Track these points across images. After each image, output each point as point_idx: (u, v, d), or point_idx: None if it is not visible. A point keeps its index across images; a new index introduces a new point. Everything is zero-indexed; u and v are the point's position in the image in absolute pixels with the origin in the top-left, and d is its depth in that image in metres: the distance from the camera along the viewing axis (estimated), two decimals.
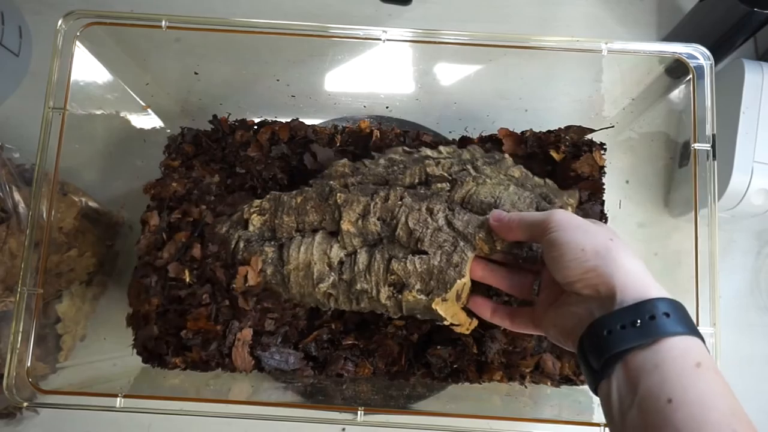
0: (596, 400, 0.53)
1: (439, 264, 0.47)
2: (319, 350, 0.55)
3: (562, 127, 0.60)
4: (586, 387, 0.55)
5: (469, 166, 0.52)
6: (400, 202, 0.49)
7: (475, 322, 0.50)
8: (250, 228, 0.53)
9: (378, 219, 0.50)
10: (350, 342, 0.55)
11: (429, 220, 0.48)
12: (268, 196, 0.54)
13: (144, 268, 0.54)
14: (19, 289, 0.46)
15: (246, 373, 0.54)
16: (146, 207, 0.58)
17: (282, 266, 0.51)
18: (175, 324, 0.53)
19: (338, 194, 0.51)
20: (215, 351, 0.53)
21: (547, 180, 0.53)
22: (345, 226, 0.50)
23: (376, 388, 0.55)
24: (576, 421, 0.46)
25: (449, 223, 0.48)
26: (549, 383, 0.55)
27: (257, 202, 0.54)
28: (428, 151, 0.55)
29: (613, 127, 0.60)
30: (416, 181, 0.52)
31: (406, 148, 0.56)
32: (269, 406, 0.47)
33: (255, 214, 0.53)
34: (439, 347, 0.54)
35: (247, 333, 0.54)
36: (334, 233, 0.51)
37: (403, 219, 0.48)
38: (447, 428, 0.46)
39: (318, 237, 0.51)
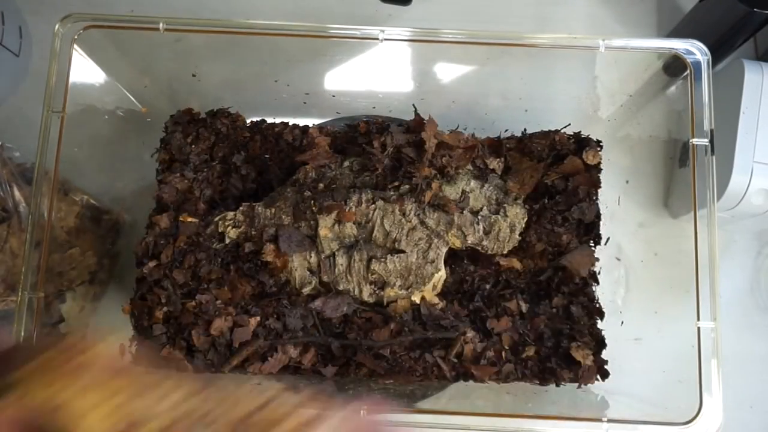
0: (597, 396, 0.54)
1: (417, 261, 0.51)
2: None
3: (537, 133, 0.61)
4: (587, 385, 0.55)
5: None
6: (373, 206, 0.53)
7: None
8: (227, 240, 0.55)
9: (354, 223, 0.53)
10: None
11: (403, 220, 0.52)
12: (241, 208, 0.56)
13: (144, 283, 0.55)
14: (20, 293, 0.46)
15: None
16: (153, 208, 0.59)
17: None
18: (185, 330, 0.54)
19: (312, 202, 0.54)
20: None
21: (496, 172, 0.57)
22: (323, 232, 0.53)
23: (377, 387, 0.55)
24: (578, 417, 0.46)
25: (422, 222, 0.52)
26: (551, 381, 0.55)
27: (231, 214, 0.56)
28: None
29: (566, 127, 0.60)
30: (382, 180, 0.55)
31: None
32: None
33: (230, 227, 0.55)
34: (440, 347, 0.54)
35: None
36: (310, 236, 0.54)
37: (378, 221, 0.52)
38: (449, 426, 0.46)
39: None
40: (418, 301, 0.52)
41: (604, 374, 0.55)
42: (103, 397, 0.23)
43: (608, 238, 0.59)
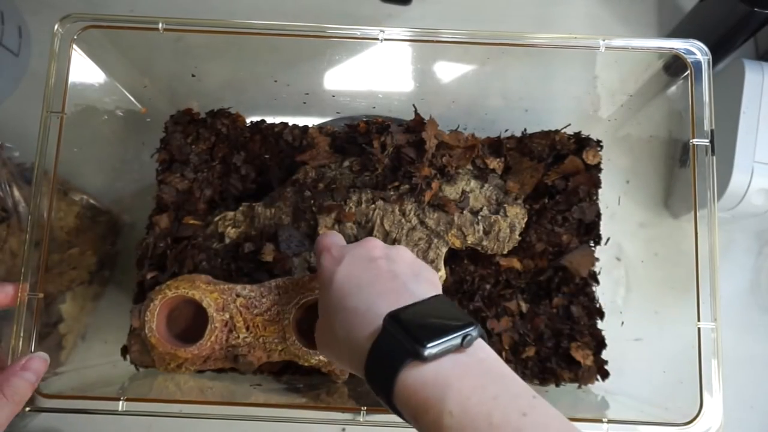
0: (597, 397, 0.53)
1: None
2: None
3: (537, 133, 0.61)
4: (587, 385, 0.55)
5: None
6: (373, 206, 0.53)
7: None
8: (227, 240, 0.55)
9: (354, 223, 0.53)
10: None
11: (403, 220, 0.52)
12: (241, 208, 0.56)
13: (144, 283, 0.54)
14: (20, 294, 0.46)
15: None
16: (153, 209, 0.58)
17: None
18: None
19: (312, 202, 0.54)
20: None
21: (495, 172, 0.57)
22: (322, 231, 0.52)
23: None
24: (578, 417, 0.46)
25: (422, 222, 0.52)
26: (551, 382, 0.55)
27: (230, 214, 0.56)
28: None
29: (566, 127, 0.60)
30: (382, 180, 0.55)
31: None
32: (269, 407, 0.47)
33: (230, 227, 0.55)
34: None
35: None
36: (310, 236, 0.54)
37: (378, 221, 0.52)
38: None
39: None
40: None
41: (605, 374, 0.55)
42: (211, 290, 0.46)
43: (608, 238, 0.59)
